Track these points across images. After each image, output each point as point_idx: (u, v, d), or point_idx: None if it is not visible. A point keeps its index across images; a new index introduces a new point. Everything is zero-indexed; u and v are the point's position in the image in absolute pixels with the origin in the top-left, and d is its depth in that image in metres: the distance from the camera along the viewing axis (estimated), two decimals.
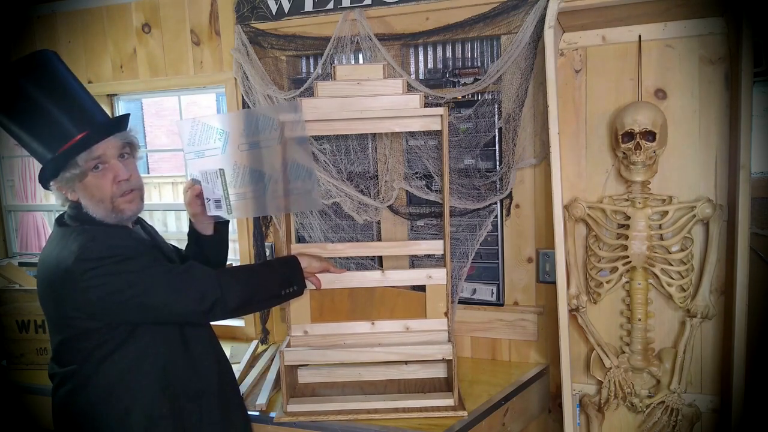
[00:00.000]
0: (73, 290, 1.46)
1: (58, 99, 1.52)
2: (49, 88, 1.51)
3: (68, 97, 1.54)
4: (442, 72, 2.36)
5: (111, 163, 1.55)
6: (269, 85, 2.44)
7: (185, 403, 1.60)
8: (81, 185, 1.54)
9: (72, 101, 1.54)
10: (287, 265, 1.81)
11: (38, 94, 1.50)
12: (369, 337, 2.06)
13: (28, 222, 3.92)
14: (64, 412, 1.59)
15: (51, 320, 1.58)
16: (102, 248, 1.48)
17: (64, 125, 1.51)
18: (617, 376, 2.04)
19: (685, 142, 1.99)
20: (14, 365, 2.44)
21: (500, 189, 2.25)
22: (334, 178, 2.41)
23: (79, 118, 1.53)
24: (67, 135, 1.50)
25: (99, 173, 1.54)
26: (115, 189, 1.55)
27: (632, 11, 1.90)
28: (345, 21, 2.30)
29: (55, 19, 2.95)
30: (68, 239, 1.51)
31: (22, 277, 2.61)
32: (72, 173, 1.52)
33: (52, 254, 1.53)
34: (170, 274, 1.55)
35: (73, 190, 1.55)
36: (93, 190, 1.54)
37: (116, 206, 1.56)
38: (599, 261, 2.04)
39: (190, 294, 1.54)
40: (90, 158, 1.52)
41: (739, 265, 1.79)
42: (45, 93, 1.51)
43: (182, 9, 2.70)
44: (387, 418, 1.87)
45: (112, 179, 1.55)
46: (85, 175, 1.52)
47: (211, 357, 1.69)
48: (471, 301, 2.39)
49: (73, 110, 1.53)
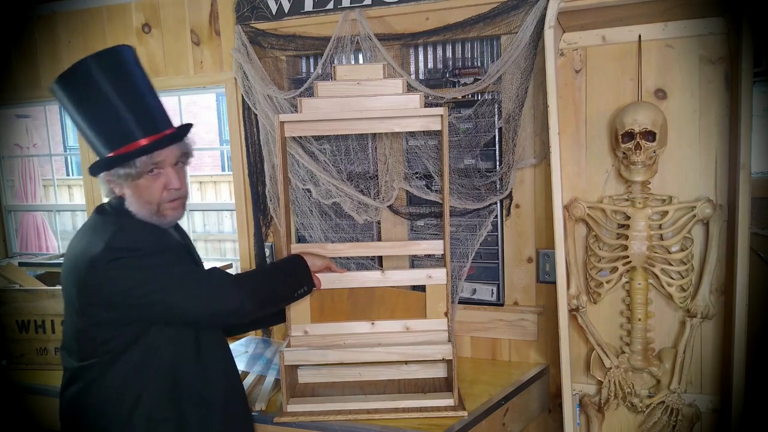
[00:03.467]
0: (96, 277, 1.48)
1: (129, 98, 1.53)
2: (121, 85, 1.52)
3: (138, 98, 1.55)
4: (442, 72, 2.36)
5: (166, 169, 1.57)
6: (269, 85, 2.44)
7: (188, 407, 1.60)
8: (132, 184, 1.55)
9: (141, 103, 1.56)
10: (297, 266, 1.85)
11: (110, 90, 1.50)
12: (369, 337, 2.05)
13: (28, 222, 3.92)
14: (72, 409, 1.60)
15: (70, 305, 1.58)
16: (130, 240, 1.50)
17: (130, 126, 1.52)
18: (617, 376, 2.04)
19: (685, 142, 1.99)
20: (14, 365, 2.44)
21: (500, 189, 2.25)
22: (334, 178, 2.41)
23: (146, 122, 1.55)
24: (131, 136, 1.52)
25: (152, 177, 1.56)
26: (165, 195, 1.57)
27: (632, 11, 1.89)
28: (345, 21, 2.30)
29: (55, 19, 2.95)
30: (101, 227, 1.54)
31: (22, 277, 2.60)
32: (127, 172, 1.53)
33: (83, 240, 1.55)
34: (192, 275, 1.57)
35: (123, 186, 1.56)
36: (143, 192, 1.56)
37: (161, 211, 1.58)
38: (599, 261, 2.04)
39: (210, 298, 1.55)
40: (150, 162, 1.54)
41: (739, 265, 1.79)
42: (117, 90, 1.51)
43: (182, 9, 2.70)
44: (387, 418, 1.87)
45: (163, 185, 1.57)
46: (139, 176, 1.54)
47: (221, 367, 1.69)
48: (471, 301, 2.39)
49: (140, 112, 1.54)
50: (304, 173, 2.44)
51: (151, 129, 1.54)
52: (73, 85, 1.51)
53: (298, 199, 2.50)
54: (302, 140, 2.43)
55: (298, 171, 2.45)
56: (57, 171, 7.27)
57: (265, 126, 2.49)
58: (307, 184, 2.45)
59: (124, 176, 1.53)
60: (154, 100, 1.59)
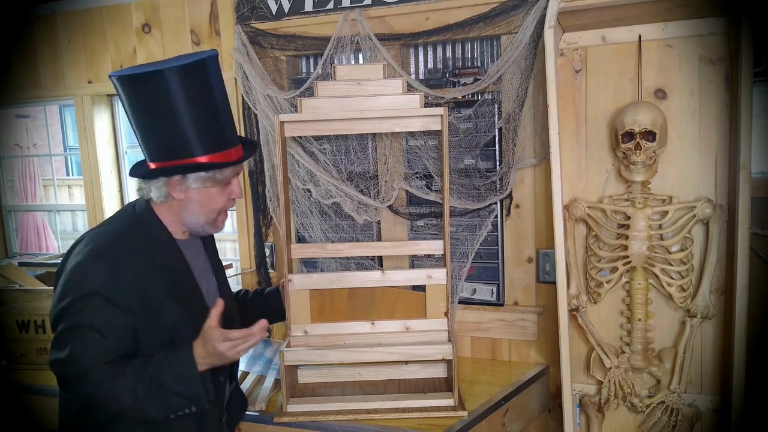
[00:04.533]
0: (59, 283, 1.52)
1: (226, 105, 1.57)
2: (221, 91, 1.55)
3: (227, 106, 1.59)
4: (442, 72, 2.36)
5: (233, 181, 1.62)
6: (269, 85, 2.44)
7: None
8: (205, 191, 1.57)
9: (229, 112, 1.60)
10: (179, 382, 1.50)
11: (218, 93, 1.53)
12: (369, 337, 2.06)
13: (28, 222, 3.92)
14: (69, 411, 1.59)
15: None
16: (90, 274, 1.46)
17: (225, 135, 1.56)
18: (617, 376, 2.04)
19: (685, 142, 1.99)
20: (14, 365, 2.44)
21: (500, 189, 2.25)
22: (334, 178, 2.41)
23: (233, 133, 1.60)
24: (228, 143, 1.56)
25: (224, 186, 1.60)
26: (227, 204, 1.63)
27: (632, 11, 1.90)
28: (345, 21, 2.31)
29: (55, 19, 2.95)
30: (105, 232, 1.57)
31: (22, 277, 2.60)
32: (216, 177, 1.56)
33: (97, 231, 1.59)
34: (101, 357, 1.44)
35: (189, 191, 1.56)
36: (213, 199, 1.59)
37: (217, 220, 1.63)
38: (599, 261, 2.04)
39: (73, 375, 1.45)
40: (235, 173, 1.60)
41: (739, 265, 1.79)
42: (221, 94, 1.55)
43: (182, 9, 2.70)
44: (387, 418, 1.87)
45: (229, 194, 1.61)
46: (217, 183, 1.57)
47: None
48: (471, 301, 2.39)
49: (230, 122, 1.60)
50: (304, 173, 2.44)
51: (236, 140, 1.61)
52: (191, 78, 1.48)
53: (298, 199, 2.50)
54: (302, 140, 2.43)
55: (298, 171, 2.45)
56: (57, 171, 7.27)
57: (265, 126, 2.49)
58: (307, 184, 2.45)
59: (204, 179, 1.55)
60: (230, 111, 1.63)
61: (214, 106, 1.53)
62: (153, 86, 1.46)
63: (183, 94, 1.46)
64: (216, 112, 1.54)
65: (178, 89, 1.45)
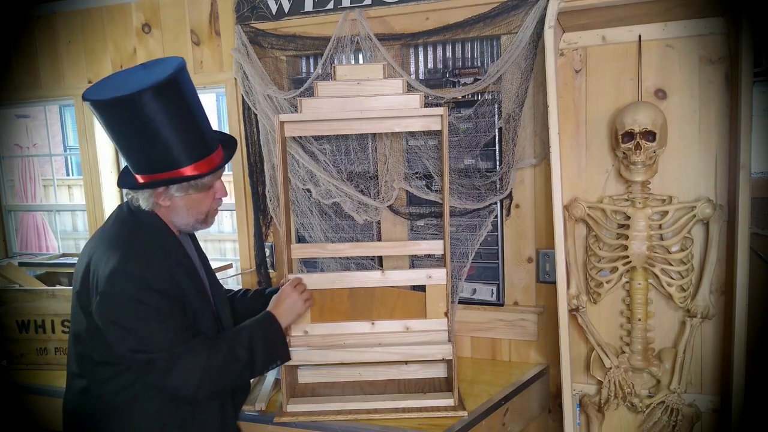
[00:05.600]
0: (96, 295, 1.51)
1: (203, 114, 1.58)
2: (196, 100, 1.56)
3: (202, 110, 1.59)
4: (442, 72, 2.36)
5: (215, 183, 1.65)
6: (269, 85, 2.44)
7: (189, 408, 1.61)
8: (188, 197, 1.60)
9: (205, 116, 1.60)
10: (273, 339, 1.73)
11: (194, 104, 1.54)
12: (369, 337, 2.05)
13: (28, 222, 3.92)
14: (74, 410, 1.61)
15: (76, 304, 1.60)
16: (133, 276, 1.48)
17: (206, 141, 1.58)
18: (617, 376, 2.04)
19: (685, 142, 1.99)
20: (14, 365, 2.44)
21: (500, 189, 2.25)
22: (334, 178, 2.41)
23: (212, 133, 1.62)
24: (205, 151, 1.57)
25: (207, 190, 1.63)
26: (214, 204, 1.67)
27: (632, 11, 1.89)
28: (345, 21, 2.31)
29: (55, 19, 2.95)
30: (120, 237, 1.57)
31: (22, 277, 2.61)
32: (189, 184, 1.58)
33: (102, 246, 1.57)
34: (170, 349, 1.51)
35: (174, 198, 1.59)
36: (198, 203, 1.63)
37: (207, 220, 1.67)
38: (599, 261, 2.04)
39: (170, 375, 1.51)
40: (216, 177, 1.63)
41: (739, 265, 1.79)
42: (196, 104, 1.55)
43: (182, 9, 2.70)
44: (387, 418, 1.87)
45: (213, 196, 1.65)
46: (200, 190, 1.60)
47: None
48: (471, 301, 2.39)
49: (207, 125, 1.60)
50: (304, 173, 2.44)
51: (216, 144, 1.63)
52: (166, 95, 1.47)
53: (298, 199, 2.50)
54: (302, 140, 2.43)
55: (298, 171, 2.45)
56: (57, 171, 7.27)
57: (265, 126, 2.49)
58: (307, 184, 2.45)
59: (185, 188, 1.58)
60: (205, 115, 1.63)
61: (192, 115, 1.53)
62: (128, 109, 1.45)
63: (160, 113, 1.46)
64: (194, 122, 1.54)
65: (154, 109, 1.45)
